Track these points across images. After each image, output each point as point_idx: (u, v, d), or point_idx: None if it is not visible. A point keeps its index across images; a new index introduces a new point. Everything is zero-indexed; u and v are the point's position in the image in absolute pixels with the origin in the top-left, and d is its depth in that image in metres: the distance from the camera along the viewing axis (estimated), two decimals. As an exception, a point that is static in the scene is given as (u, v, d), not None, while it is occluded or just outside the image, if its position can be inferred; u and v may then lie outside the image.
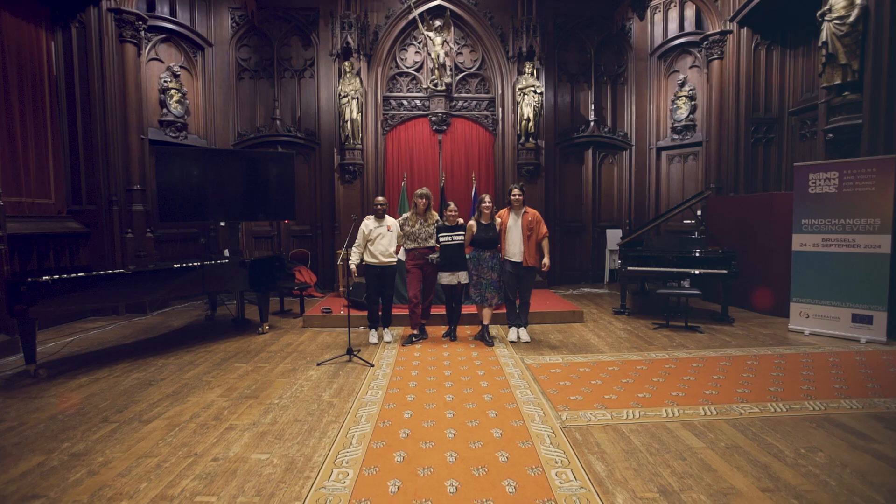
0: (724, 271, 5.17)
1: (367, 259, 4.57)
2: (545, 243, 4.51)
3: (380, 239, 4.52)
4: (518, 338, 4.69)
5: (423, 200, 4.57)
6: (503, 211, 4.66)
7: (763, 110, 6.91)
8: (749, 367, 3.79)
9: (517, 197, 4.51)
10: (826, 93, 5.02)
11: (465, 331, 5.09)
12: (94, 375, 3.71)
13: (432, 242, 4.60)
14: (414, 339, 4.67)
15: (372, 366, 3.92)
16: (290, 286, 6.13)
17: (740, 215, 6.21)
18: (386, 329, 4.82)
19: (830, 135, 5.00)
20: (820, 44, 4.83)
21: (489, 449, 2.47)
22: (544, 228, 4.55)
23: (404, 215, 4.68)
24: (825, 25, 4.77)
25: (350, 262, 4.48)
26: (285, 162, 6.63)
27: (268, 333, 5.10)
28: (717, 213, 6.68)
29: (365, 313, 4.92)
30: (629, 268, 5.62)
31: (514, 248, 4.50)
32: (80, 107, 5.91)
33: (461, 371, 3.77)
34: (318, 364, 3.98)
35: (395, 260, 4.66)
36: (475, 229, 4.56)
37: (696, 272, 5.26)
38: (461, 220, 4.68)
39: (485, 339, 4.59)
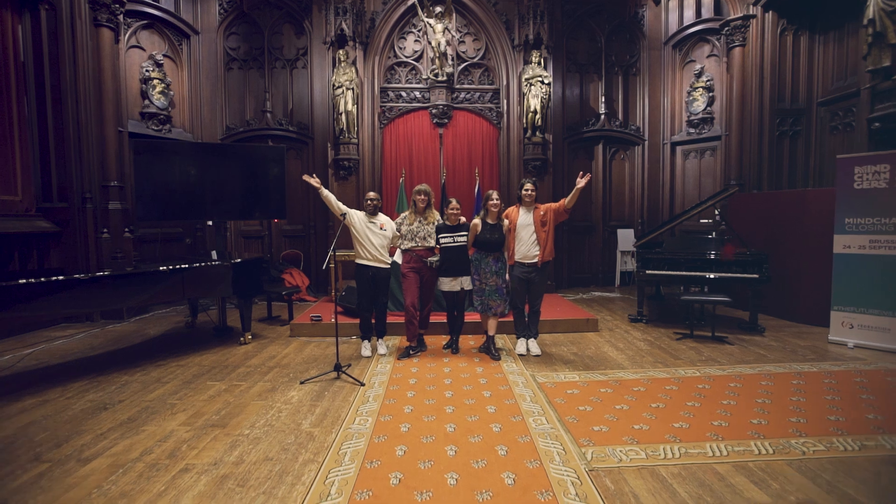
0: (755, 276, 4.68)
1: (358, 259, 4.09)
2: (573, 196, 3.95)
3: (371, 236, 4.04)
4: (528, 350, 4.21)
5: (423, 197, 4.09)
6: (511, 209, 4.18)
7: (789, 101, 6.41)
8: (796, 387, 3.29)
9: (530, 192, 4.04)
10: (871, 77, 4.53)
11: (468, 341, 4.61)
12: (44, 397, 3.23)
13: (431, 242, 4.13)
14: (411, 351, 4.18)
15: (362, 385, 3.44)
16: (277, 291, 5.65)
17: (766, 214, 5.71)
18: (380, 340, 4.34)
19: (877, 123, 4.51)
20: (865, 21, 4.33)
21: (500, 502, 1.99)
22: (555, 203, 4.08)
23: (403, 214, 4.20)
24: (871, 1, 4.27)
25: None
26: (276, 156, 6.16)
27: (250, 344, 4.63)
28: (739, 212, 6.18)
29: (358, 321, 4.44)
30: (648, 271, 5.12)
31: (525, 248, 4.02)
32: (50, 96, 5.44)
33: (464, 392, 3.29)
34: (302, 382, 3.51)
35: (390, 262, 4.19)
36: (479, 229, 4.08)
37: (724, 276, 4.76)
38: (463, 219, 4.21)
39: (490, 352, 4.11)
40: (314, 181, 4.01)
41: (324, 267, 3.58)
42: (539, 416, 2.87)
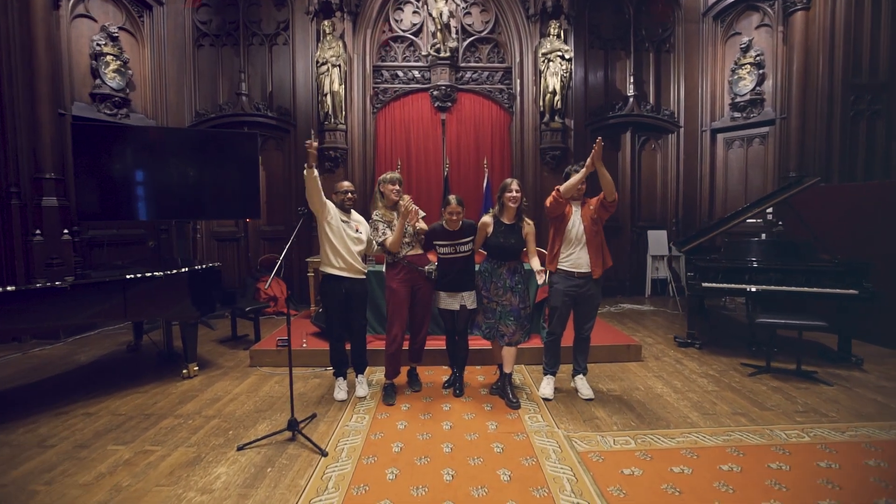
0: (853, 292, 3.57)
1: (328, 269, 3.04)
2: (604, 179, 2.88)
3: (348, 239, 3.00)
4: (576, 390, 3.21)
5: (398, 188, 3.04)
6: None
7: (867, 74, 5.27)
8: (973, 469, 2.20)
9: (580, 187, 2.99)
10: None
11: (475, 375, 3.55)
12: None
13: (418, 249, 3.09)
14: (396, 393, 3.13)
15: (324, 455, 2.40)
16: (242, 307, 4.61)
17: (848, 211, 4.60)
18: (360, 376, 3.29)
19: None
20: None
21: None
22: (596, 200, 3.01)
23: (375, 214, 3.09)
24: None
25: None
26: (247, 144, 5.22)
27: (197, 378, 3.61)
28: (807, 210, 5.04)
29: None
30: (706, 284, 4.03)
31: (575, 254, 2.98)
32: (-35, 69, 4.48)
33: (470, 471, 2.22)
34: (240, 448, 2.47)
35: (365, 272, 3.14)
36: (490, 229, 3.03)
37: (811, 292, 3.66)
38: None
39: (507, 395, 3.05)
40: (312, 149, 2.84)
41: (267, 286, 2.55)
42: (590, 527, 1.81)
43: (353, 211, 3.11)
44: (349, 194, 3.09)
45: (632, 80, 6.83)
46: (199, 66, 6.46)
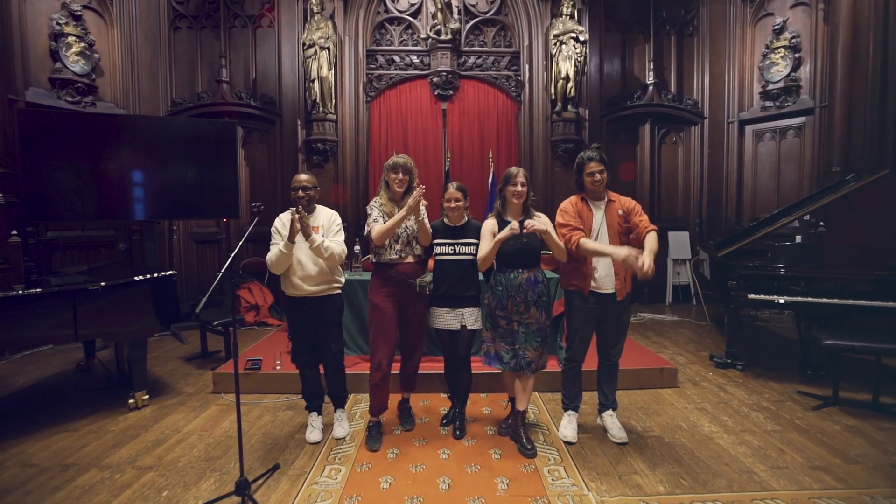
0: (941, 307, 2.94)
1: (286, 288, 2.47)
2: (652, 239, 2.33)
3: (304, 255, 2.41)
4: (606, 429, 2.59)
5: (401, 177, 2.42)
6: (568, 205, 2.48)
7: (926, 54, 4.64)
8: None
9: (598, 176, 2.37)
10: None
11: (479, 407, 2.94)
12: None
13: (417, 251, 2.48)
14: (386, 427, 2.52)
15: (279, 534, 1.79)
16: (210, 319, 4.00)
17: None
18: (339, 411, 2.68)
19: None
20: None
21: None
22: (646, 218, 2.41)
23: (374, 201, 2.51)
24: None
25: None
26: (226, 135, 4.65)
27: (146, 408, 3.01)
28: (860, 208, 4.42)
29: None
30: (752, 296, 3.39)
31: (599, 267, 2.39)
32: None
33: (476, 567, 1.62)
34: (169, 522, 1.87)
35: (338, 286, 2.53)
36: (497, 232, 2.42)
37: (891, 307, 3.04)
38: (469, 216, 2.56)
39: (520, 439, 2.43)
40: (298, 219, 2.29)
41: (197, 310, 1.94)
42: None
43: (319, 207, 2.51)
44: (299, 192, 2.42)
45: (651, 67, 6.21)
46: (176, 50, 5.88)
